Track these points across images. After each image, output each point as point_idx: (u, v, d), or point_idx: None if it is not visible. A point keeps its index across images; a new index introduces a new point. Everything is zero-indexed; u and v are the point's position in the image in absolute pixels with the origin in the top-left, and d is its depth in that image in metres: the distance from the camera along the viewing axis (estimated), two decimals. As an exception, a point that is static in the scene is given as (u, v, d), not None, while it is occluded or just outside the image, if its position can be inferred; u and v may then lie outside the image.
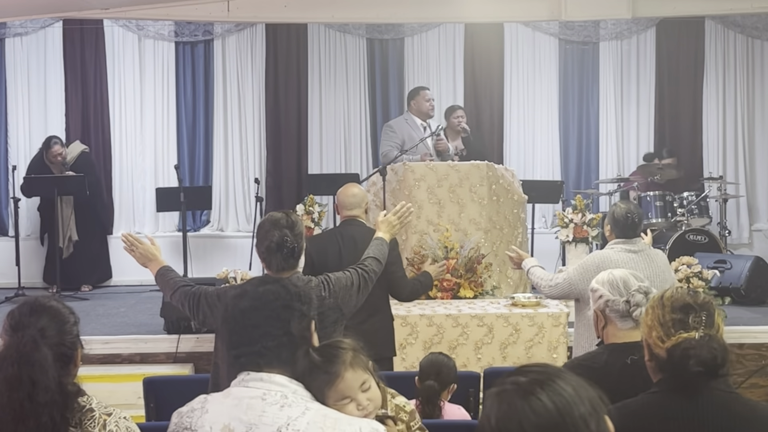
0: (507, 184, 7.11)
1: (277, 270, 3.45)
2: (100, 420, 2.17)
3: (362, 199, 4.77)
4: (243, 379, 2.10)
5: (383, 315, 4.80)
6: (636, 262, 4.49)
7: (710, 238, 8.24)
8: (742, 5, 8.98)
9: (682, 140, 9.83)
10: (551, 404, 1.53)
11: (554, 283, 4.71)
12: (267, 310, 2.13)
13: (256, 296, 2.15)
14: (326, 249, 4.69)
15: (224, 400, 2.09)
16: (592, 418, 1.55)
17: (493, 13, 9.20)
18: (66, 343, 2.23)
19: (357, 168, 9.63)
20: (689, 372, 2.24)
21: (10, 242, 8.72)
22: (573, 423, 1.52)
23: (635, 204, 4.99)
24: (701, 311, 2.30)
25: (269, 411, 2.01)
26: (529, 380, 1.57)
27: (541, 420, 1.52)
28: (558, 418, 1.52)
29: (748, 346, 6.55)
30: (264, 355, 2.09)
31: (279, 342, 2.10)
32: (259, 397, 2.04)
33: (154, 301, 7.49)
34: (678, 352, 2.25)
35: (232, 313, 2.16)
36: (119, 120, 9.53)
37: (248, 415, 2.02)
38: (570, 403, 1.54)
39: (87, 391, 2.25)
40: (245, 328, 2.12)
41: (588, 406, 1.56)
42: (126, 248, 3.78)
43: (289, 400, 2.04)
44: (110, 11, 8.81)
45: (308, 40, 9.70)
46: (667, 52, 9.84)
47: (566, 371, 1.62)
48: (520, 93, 9.89)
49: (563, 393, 1.55)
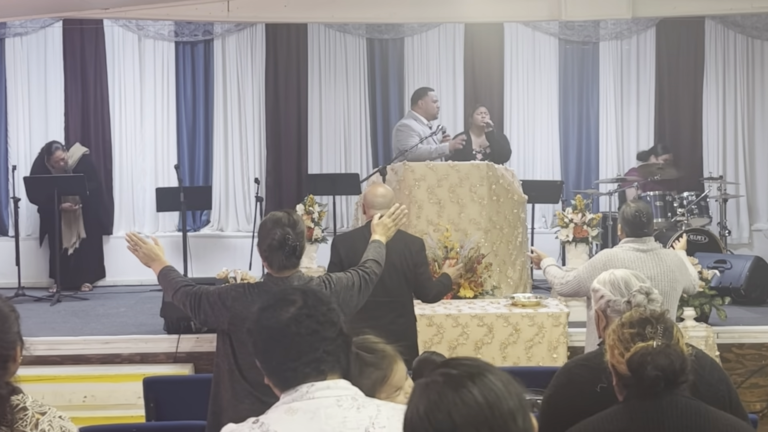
0: (507, 184, 7.11)
1: (279, 269, 3.45)
2: (32, 419, 2.11)
3: (390, 199, 4.77)
4: (307, 392, 1.98)
5: (410, 317, 4.88)
6: (644, 261, 4.51)
7: (710, 238, 8.24)
8: (742, 5, 8.97)
9: (682, 140, 9.83)
10: (481, 397, 1.55)
11: (565, 281, 4.79)
12: (318, 314, 2.03)
13: (301, 303, 2.04)
14: (355, 247, 4.67)
15: (291, 417, 1.97)
16: (519, 413, 1.57)
17: (493, 13, 9.19)
18: (4, 344, 2.15)
19: (357, 168, 9.63)
20: (648, 378, 2.29)
21: (10, 242, 8.71)
22: (501, 416, 1.54)
23: (645, 203, 5.03)
24: (657, 323, 2.38)
25: (349, 416, 1.96)
26: (460, 372, 1.59)
27: (471, 411, 1.54)
28: (487, 411, 1.54)
29: (748, 346, 6.55)
30: (325, 361, 2.01)
31: (335, 345, 2.03)
32: (335, 405, 1.97)
33: (154, 301, 7.49)
34: (636, 359, 2.32)
35: (275, 325, 2.02)
36: (119, 120, 9.52)
37: (330, 424, 1.94)
38: (499, 397, 1.56)
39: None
40: (301, 337, 2.00)
41: (516, 401, 1.58)
42: (129, 247, 3.78)
43: (359, 401, 2.00)
44: (110, 11, 8.80)
45: (308, 40, 9.70)
46: (667, 52, 9.83)
47: (495, 367, 1.64)
48: (520, 93, 9.88)
49: (493, 387, 1.57)
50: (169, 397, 4.58)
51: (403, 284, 4.78)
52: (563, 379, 2.85)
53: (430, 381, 1.60)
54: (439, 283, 4.99)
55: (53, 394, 6.05)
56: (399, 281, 4.74)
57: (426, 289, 4.87)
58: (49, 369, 6.25)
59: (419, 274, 4.78)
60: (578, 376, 2.80)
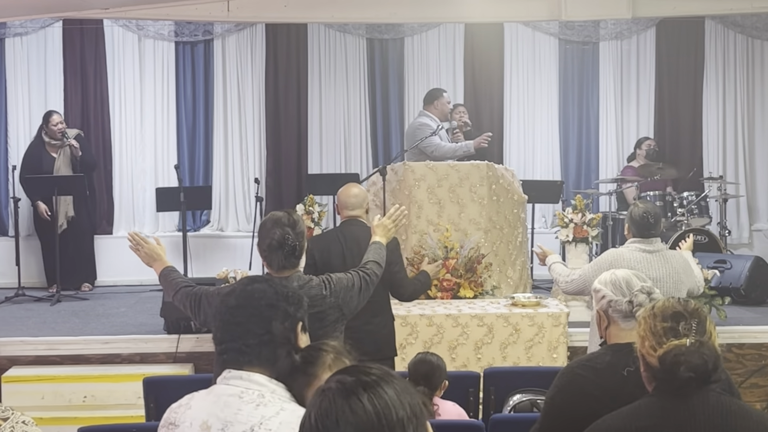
0: (507, 184, 7.11)
1: (278, 268, 3.46)
2: None
3: (363, 200, 4.78)
4: (225, 377, 2.13)
5: (385, 315, 4.83)
6: (649, 262, 4.52)
7: (710, 238, 8.24)
8: (742, 5, 8.97)
9: (682, 140, 9.83)
10: (370, 406, 1.56)
11: (570, 279, 4.80)
12: (251, 308, 2.17)
13: (243, 294, 2.20)
14: (329, 249, 4.70)
15: (207, 396, 2.13)
16: (411, 423, 1.58)
17: (493, 13, 9.19)
18: None
19: (357, 168, 9.63)
20: (680, 378, 2.27)
21: (10, 242, 8.72)
22: (390, 426, 1.55)
23: (653, 204, 5.04)
24: (691, 319, 2.33)
25: (245, 409, 2.04)
26: (354, 380, 1.60)
27: (358, 420, 1.55)
28: (375, 419, 1.55)
29: (748, 346, 6.55)
30: (245, 353, 2.13)
31: (260, 340, 2.14)
32: (237, 395, 2.07)
33: (154, 301, 7.50)
34: (669, 359, 2.28)
35: (219, 310, 2.21)
36: (119, 120, 9.52)
37: (225, 412, 2.05)
38: (389, 406, 1.57)
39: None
40: (229, 325, 2.17)
41: (408, 410, 1.58)
42: (131, 247, 3.80)
43: (266, 399, 2.06)
44: (110, 11, 8.79)
45: (308, 40, 9.70)
46: (667, 52, 9.84)
47: (394, 374, 1.64)
48: (520, 93, 9.88)
49: (384, 396, 1.57)
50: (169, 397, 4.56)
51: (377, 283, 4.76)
52: (566, 380, 2.84)
53: (326, 388, 1.61)
54: (416, 281, 4.95)
55: (53, 394, 6.06)
56: None
57: (401, 288, 4.82)
58: (49, 369, 6.26)
59: (394, 273, 4.71)
60: (582, 377, 2.80)
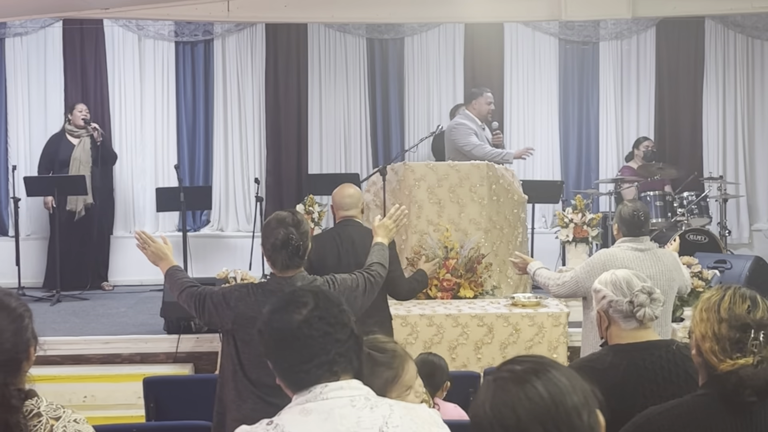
0: (507, 184, 7.11)
1: (282, 268, 3.46)
2: (47, 426, 2.05)
3: (358, 200, 4.77)
4: (321, 392, 1.98)
5: (382, 314, 4.81)
6: (641, 261, 4.51)
7: (710, 238, 8.23)
8: (742, 5, 8.97)
9: (682, 140, 9.83)
10: (545, 392, 1.56)
11: (562, 282, 4.74)
12: (330, 316, 2.03)
13: (312, 305, 2.03)
14: (324, 250, 4.69)
15: (305, 418, 1.96)
16: (584, 409, 1.58)
17: (493, 13, 9.18)
18: (20, 348, 2.08)
19: (357, 168, 9.63)
20: (743, 400, 2.20)
21: (10, 242, 8.71)
22: (565, 412, 1.55)
23: (642, 203, 5.03)
24: (759, 331, 2.24)
25: (363, 415, 1.95)
26: (525, 369, 1.61)
27: (535, 407, 1.54)
28: (551, 406, 1.55)
29: (748, 346, 6.54)
30: (338, 363, 2.00)
31: (347, 346, 2.03)
32: (348, 405, 1.96)
33: (154, 301, 7.49)
34: (734, 379, 2.20)
35: (288, 328, 2.00)
36: (119, 120, 9.52)
37: (345, 424, 1.93)
38: (563, 393, 1.57)
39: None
40: (314, 340, 1.99)
41: (581, 397, 1.59)
42: (139, 246, 3.82)
43: (372, 401, 2.00)
44: (110, 11, 8.79)
45: (308, 40, 9.70)
46: (667, 52, 9.84)
47: (560, 363, 1.64)
48: (520, 93, 9.88)
49: (558, 382, 1.58)
50: (169, 397, 4.59)
51: None
52: None
53: (497, 377, 1.61)
54: (413, 280, 4.94)
55: (53, 394, 5.98)
56: None
57: (398, 287, 4.80)
58: (49, 369, 6.25)
59: (390, 271, 4.70)
60: (585, 378, 2.80)
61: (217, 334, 6.15)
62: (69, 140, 8.66)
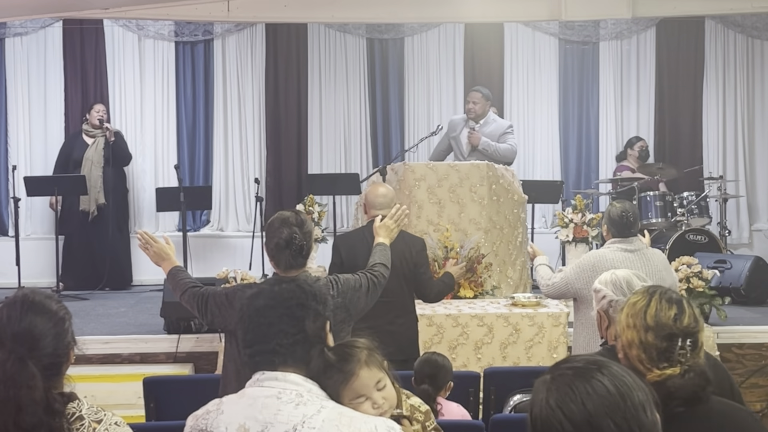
0: (507, 184, 7.11)
1: (286, 268, 3.46)
2: (89, 429, 2.06)
3: (391, 200, 4.77)
4: (258, 379, 2.09)
5: (409, 316, 4.89)
6: (632, 261, 4.50)
7: (710, 238, 8.23)
8: (742, 5, 8.98)
9: (682, 140, 9.83)
10: (613, 387, 1.54)
11: (551, 282, 4.74)
12: (282, 308, 2.11)
13: (272, 294, 2.14)
14: (356, 248, 4.70)
15: (239, 400, 2.09)
16: (648, 405, 1.56)
17: (493, 13, 9.19)
18: (60, 351, 2.09)
19: (357, 168, 9.62)
20: (672, 411, 2.19)
21: (10, 242, 8.71)
22: (633, 406, 1.54)
23: (631, 203, 5.01)
24: (685, 339, 2.26)
25: (284, 409, 2.00)
26: (586, 365, 1.59)
27: (604, 401, 1.52)
28: (620, 400, 1.53)
29: (748, 346, 6.55)
30: (279, 354, 2.08)
31: (294, 340, 2.09)
32: (275, 396, 2.03)
33: (154, 301, 7.49)
34: (662, 391, 2.18)
35: (247, 311, 2.15)
36: (119, 120, 9.51)
37: (263, 414, 2.01)
38: (630, 388, 1.56)
39: (83, 391, 2.15)
40: (260, 327, 2.11)
41: (644, 393, 1.57)
42: (141, 245, 3.82)
43: (305, 398, 2.03)
44: (110, 11, 8.80)
45: (308, 40, 9.70)
46: (667, 52, 9.84)
47: (615, 362, 1.62)
48: (520, 93, 9.88)
49: (623, 378, 1.56)
50: (169, 397, 4.58)
51: (402, 284, 4.78)
52: None
53: (557, 375, 1.59)
54: (440, 282, 5.00)
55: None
56: (398, 281, 4.73)
57: (427, 288, 4.88)
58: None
59: (420, 274, 4.79)
60: None
61: (217, 335, 6.16)
62: (84, 140, 8.73)
